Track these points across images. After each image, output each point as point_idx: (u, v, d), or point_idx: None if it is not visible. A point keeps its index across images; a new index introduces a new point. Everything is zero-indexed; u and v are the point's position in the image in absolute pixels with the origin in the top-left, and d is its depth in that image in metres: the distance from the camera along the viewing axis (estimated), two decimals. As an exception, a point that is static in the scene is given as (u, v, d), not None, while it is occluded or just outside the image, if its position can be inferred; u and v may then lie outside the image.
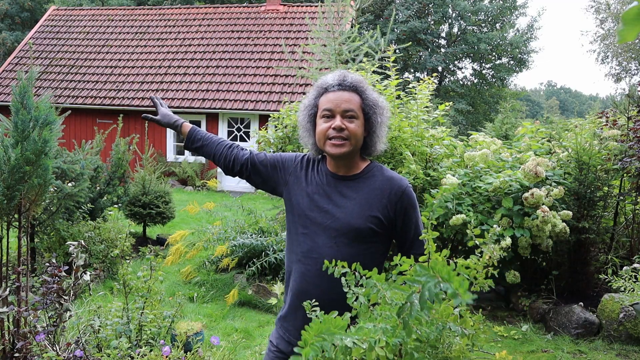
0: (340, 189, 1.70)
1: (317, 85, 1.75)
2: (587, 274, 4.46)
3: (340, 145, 1.64)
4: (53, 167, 3.53)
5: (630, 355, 3.71)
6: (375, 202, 1.67)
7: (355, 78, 1.70)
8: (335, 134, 1.64)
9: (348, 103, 1.66)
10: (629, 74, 24.50)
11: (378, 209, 1.67)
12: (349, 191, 1.70)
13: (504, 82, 28.78)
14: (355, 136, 1.66)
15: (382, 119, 1.72)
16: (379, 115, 1.70)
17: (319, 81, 1.75)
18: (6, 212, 2.87)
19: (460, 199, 4.39)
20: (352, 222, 1.65)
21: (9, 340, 2.79)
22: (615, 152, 4.63)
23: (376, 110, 1.70)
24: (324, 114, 1.67)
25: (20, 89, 2.86)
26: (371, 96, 1.71)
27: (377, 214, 1.66)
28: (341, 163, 1.71)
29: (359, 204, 1.67)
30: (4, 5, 25.15)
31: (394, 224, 1.69)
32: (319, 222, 1.66)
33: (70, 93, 14.06)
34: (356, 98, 1.68)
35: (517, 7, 27.36)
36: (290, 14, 15.45)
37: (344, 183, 1.71)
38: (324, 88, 1.71)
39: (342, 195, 1.69)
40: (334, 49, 6.88)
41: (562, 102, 69.48)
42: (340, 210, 1.66)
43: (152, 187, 6.86)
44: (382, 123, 1.72)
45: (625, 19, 0.57)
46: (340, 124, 1.64)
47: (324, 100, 1.69)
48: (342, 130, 1.64)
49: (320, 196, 1.69)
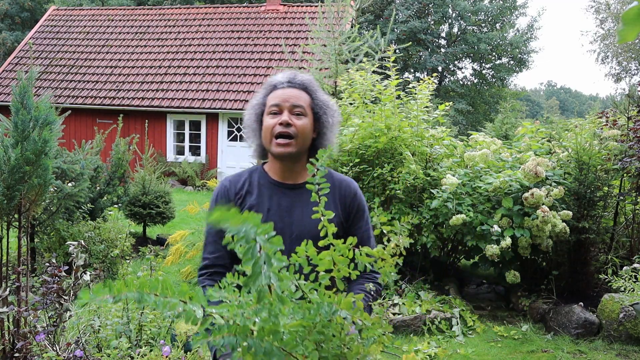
0: (291, 199, 1.61)
1: (266, 84, 1.68)
2: (587, 274, 4.46)
3: (286, 144, 1.56)
4: (53, 167, 3.53)
5: (630, 355, 3.71)
6: (329, 207, 1.59)
7: (305, 77, 1.66)
8: (282, 130, 1.56)
9: (296, 99, 1.60)
10: (629, 74, 24.51)
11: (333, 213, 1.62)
12: (300, 201, 1.61)
13: (504, 82, 28.79)
14: (302, 134, 1.58)
15: (333, 120, 1.66)
16: (329, 116, 1.65)
17: (268, 80, 1.69)
18: (6, 212, 2.87)
19: (460, 199, 4.39)
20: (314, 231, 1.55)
21: (9, 340, 2.79)
22: (615, 152, 4.63)
23: (327, 110, 1.64)
24: (271, 110, 1.60)
25: (20, 89, 2.86)
26: (321, 96, 1.66)
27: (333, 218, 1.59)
28: (287, 167, 1.62)
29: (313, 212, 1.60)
30: (4, 5, 25.14)
31: (347, 229, 1.65)
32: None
33: (70, 93, 14.07)
34: (305, 96, 1.63)
35: (517, 7, 27.36)
36: (290, 14, 15.45)
37: (293, 192, 1.62)
38: (272, 85, 1.65)
39: (294, 207, 1.61)
40: (334, 49, 6.88)
41: (562, 102, 69.49)
42: (296, 222, 1.58)
43: (152, 187, 6.86)
44: (332, 125, 1.66)
45: (625, 19, 0.57)
46: (287, 118, 1.56)
47: (271, 97, 1.62)
48: (289, 125, 1.56)
49: (274, 213, 1.59)
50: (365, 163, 4.74)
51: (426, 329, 4.08)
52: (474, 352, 3.80)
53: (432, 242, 4.46)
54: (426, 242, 4.47)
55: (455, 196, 4.37)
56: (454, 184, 4.24)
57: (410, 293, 4.43)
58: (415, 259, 4.95)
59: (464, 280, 5.26)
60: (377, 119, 4.70)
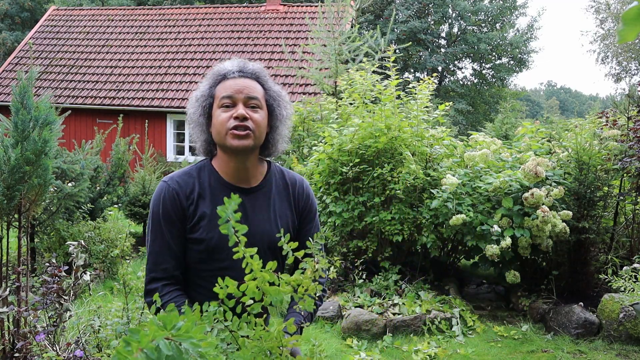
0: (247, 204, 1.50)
1: (212, 73, 1.51)
2: (587, 274, 4.46)
3: (244, 136, 1.42)
4: (53, 167, 3.53)
5: (630, 355, 3.71)
6: (284, 211, 1.55)
7: (256, 66, 1.52)
8: (239, 124, 1.42)
9: (251, 90, 1.46)
10: (629, 74, 24.50)
11: (288, 216, 1.55)
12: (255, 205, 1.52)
13: (504, 82, 28.78)
14: (259, 128, 1.46)
15: (287, 113, 1.54)
16: (283, 108, 1.53)
17: (214, 69, 1.52)
18: (6, 212, 2.87)
19: (460, 199, 4.39)
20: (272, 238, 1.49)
21: (9, 340, 2.79)
22: (615, 152, 4.63)
23: (280, 102, 1.53)
24: (223, 102, 1.45)
25: (20, 89, 2.86)
26: (274, 87, 1.54)
27: (288, 222, 1.55)
28: (241, 165, 1.49)
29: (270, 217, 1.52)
30: (4, 5, 25.14)
31: (297, 230, 1.59)
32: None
33: (70, 93, 14.06)
34: (259, 87, 1.49)
35: (517, 7, 27.35)
36: (290, 14, 15.45)
37: (248, 197, 1.51)
38: (221, 75, 1.49)
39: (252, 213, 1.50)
40: (334, 49, 6.88)
41: (562, 102, 69.48)
42: (254, 231, 1.45)
43: (152, 187, 6.86)
44: (286, 118, 1.54)
45: (625, 19, 0.57)
46: (243, 112, 1.42)
47: (221, 89, 1.46)
48: (245, 119, 1.43)
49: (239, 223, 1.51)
50: (365, 163, 4.74)
51: (426, 329, 4.08)
52: (474, 352, 3.80)
53: (432, 242, 4.46)
54: (426, 242, 4.47)
55: (455, 196, 4.36)
56: (454, 184, 4.24)
57: (410, 293, 4.43)
58: (415, 259, 4.95)
59: (464, 280, 5.26)
60: (377, 119, 4.70)
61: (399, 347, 3.86)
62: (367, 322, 4.03)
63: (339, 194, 4.83)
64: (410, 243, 4.80)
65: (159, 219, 1.48)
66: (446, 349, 3.81)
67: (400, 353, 3.79)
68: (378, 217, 4.57)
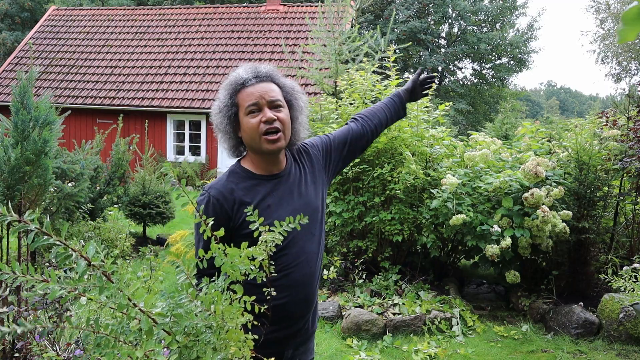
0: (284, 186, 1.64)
1: (229, 82, 1.63)
2: (587, 274, 4.46)
3: (277, 140, 1.56)
4: (53, 167, 3.53)
5: (630, 355, 3.71)
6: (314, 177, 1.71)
7: (268, 68, 1.64)
8: (269, 127, 1.55)
9: (272, 93, 1.58)
10: (629, 74, 24.50)
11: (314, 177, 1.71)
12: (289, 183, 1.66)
13: (504, 82, 28.79)
14: (286, 126, 1.59)
15: (303, 102, 1.67)
16: (299, 100, 1.66)
17: (230, 78, 1.64)
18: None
19: (460, 199, 4.39)
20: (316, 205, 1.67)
21: (9, 340, 2.79)
22: (615, 152, 4.63)
23: (295, 95, 1.65)
24: (250, 109, 1.56)
25: (20, 89, 2.86)
26: (287, 82, 1.66)
27: (321, 186, 1.72)
28: (274, 160, 1.62)
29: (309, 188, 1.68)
30: (4, 5, 25.14)
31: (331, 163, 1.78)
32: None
33: (70, 93, 14.07)
34: (276, 87, 1.61)
35: (517, 7, 27.36)
36: (290, 14, 15.45)
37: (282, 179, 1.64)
38: (239, 84, 1.60)
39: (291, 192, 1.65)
40: (334, 49, 6.88)
41: (562, 102, 69.50)
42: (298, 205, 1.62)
43: (152, 187, 6.86)
44: (303, 107, 1.67)
45: (625, 19, 0.57)
46: (271, 115, 1.55)
47: (244, 97, 1.58)
48: (273, 121, 1.55)
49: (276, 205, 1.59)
50: (365, 163, 4.74)
51: (426, 329, 4.08)
52: (474, 352, 3.80)
53: (432, 242, 4.46)
54: (426, 242, 4.47)
55: (455, 196, 4.36)
56: (454, 184, 4.24)
57: (410, 293, 4.43)
58: (415, 259, 4.95)
59: (464, 280, 5.26)
60: (377, 119, 4.69)
61: (399, 347, 3.86)
62: (367, 322, 4.03)
63: (339, 194, 4.84)
64: (410, 243, 4.80)
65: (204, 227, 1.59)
66: (446, 349, 3.81)
67: (400, 353, 3.79)
68: (378, 217, 4.57)
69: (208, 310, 0.98)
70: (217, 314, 0.98)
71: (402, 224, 4.56)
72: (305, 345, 1.71)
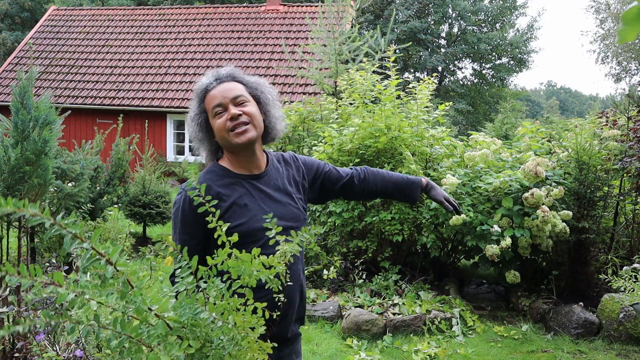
0: (263, 187, 1.64)
1: (195, 92, 1.67)
2: (587, 274, 4.46)
3: (245, 131, 1.57)
4: (53, 167, 3.53)
5: (630, 355, 3.71)
6: (294, 184, 1.72)
7: (229, 69, 1.66)
8: (235, 123, 1.57)
9: (233, 91, 1.60)
10: (629, 74, 24.51)
11: (298, 189, 1.73)
12: (269, 187, 1.66)
13: (504, 82, 28.78)
14: (255, 118, 1.60)
15: (272, 96, 1.68)
16: (267, 93, 1.67)
17: (195, 87, 1.67)
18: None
19: (460, 199, 4.39)
20: (297, 215, 1.66)
21: (9, 340, 2.79)
22: (615, 152, 4.63)
23: (262, 89, 1.67)
24: (215, 111, 1.59)
25: (20, 89, 2.86)
26: (251, 79, 1.68)
27: (300, 195, 1.73)
28: (250, 156, 1.63)
29: (291, 195, 1.68)
30: (4, 5, 25.14)
31: (311, 187, 1.78)
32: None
33: (70, 93, 14.07)
34: (239, 85, 1.64)
35: (517, 7, 27.36)
36: (290, 14, 15.45)
37: (263, 180, 1.65)
38: (203, 90, 1.63)
39: (269, 195, 1.64)
40: (334, 49, 6.88)
41: (562, 102, 69.51)
42: (284, 208, 1.63)
43: (152, 187, 6.86)
44: (273, 100, 1.68)
45: (625, 19, 0.57)
46: (235, 111, 1.57)
47: (209, 100, 1.61)
48: (239, 116, 1.57)
49: (256, 204, 1.59)
50: (366, 163, 4.74)
51: (426, 329, 4.08)
52: (474, 352, 3.80)
53: (432, 242, 4.46)
54: (426, 242, 4.47)
55: (455, 196, 4.36)
56: (454, 184, 4.24)
57: (410, 293, 4.43)
58: (415, 259, 4.95)
59: (464, 280, 5.26)
60: (377, 119, 4.70)
61: (399, 347, 3.86)
62: (367, 322, 4.03)
63: (339, 194, 4.83)
64: (410, 243, 4.80)
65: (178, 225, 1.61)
66: (446, 349, 3.81)
67: (400, 353, 3.79)
68: (378, 217, 4.57)
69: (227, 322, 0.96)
70: (238, 326, 0.97)
71: (402, 224, 4.56)
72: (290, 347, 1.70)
